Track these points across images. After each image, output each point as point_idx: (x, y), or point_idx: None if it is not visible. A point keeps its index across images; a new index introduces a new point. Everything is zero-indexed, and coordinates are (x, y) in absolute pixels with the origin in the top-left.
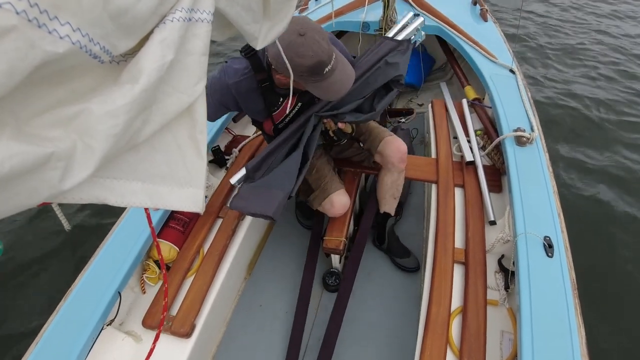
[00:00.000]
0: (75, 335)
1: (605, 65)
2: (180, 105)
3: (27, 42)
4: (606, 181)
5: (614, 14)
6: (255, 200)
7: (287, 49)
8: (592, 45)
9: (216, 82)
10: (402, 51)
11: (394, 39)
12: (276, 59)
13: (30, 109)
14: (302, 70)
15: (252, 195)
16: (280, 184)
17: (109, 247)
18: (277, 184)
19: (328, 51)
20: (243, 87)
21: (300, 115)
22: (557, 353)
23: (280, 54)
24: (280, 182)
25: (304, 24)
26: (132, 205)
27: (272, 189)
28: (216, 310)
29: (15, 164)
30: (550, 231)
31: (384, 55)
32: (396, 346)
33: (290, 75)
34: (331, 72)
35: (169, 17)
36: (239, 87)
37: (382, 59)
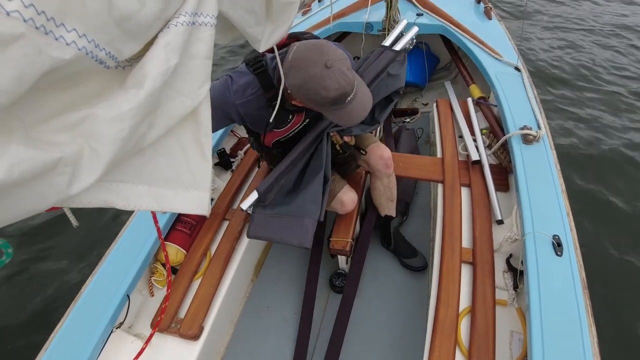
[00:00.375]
0: (85, 338)
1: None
2: (184, 109)
3: (35, 49)
4: (616, 178)
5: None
6: (284, 230)
7: (311, 80)
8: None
9: (220, 97)
10: (400, 62)
11: (393, 49)
12: (297, 90)
13: (37, 115)
14: (324, 102)
15: (276, 224)
16: (307, 211)
17: (117, 250)
18: (303, 211)
19: (352, 82)
20: (251, 107)
21: (307, 133)
22: (568, 353)
23: (302, 86)
24: (307, 209)
25: (330, 53)
26: (139, 209)
27: (301, 218)
28: (224, 313)
29: (23, 170)
30: (559, 230)
31: (385, 67)
32: (404, 347)
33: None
34: (352, 100)
35: (173, 22)
36: (247, 108)
37: (384, 71)
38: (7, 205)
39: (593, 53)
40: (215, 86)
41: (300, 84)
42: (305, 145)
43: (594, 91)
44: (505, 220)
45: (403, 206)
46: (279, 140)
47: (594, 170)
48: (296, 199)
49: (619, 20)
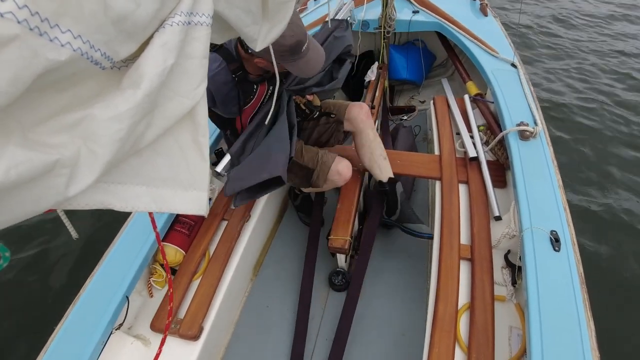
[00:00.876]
0: (85, 340)
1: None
2: (182, 109)
3: (30, 51)
4: (612, 173)
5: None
6: (255, 171)
7: None
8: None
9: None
10: (344, 28)
11: (335, 19)
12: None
13: (34, 117)
14: (283, 50)
15: (248, 170)
16: (277, 148)
17: (115, 251)
18: (274, 149)
19: (304, 30)
20: (219, 80)
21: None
22: (566, 348)
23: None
24: (276, 147)
25: None
26: (137, 210)
27: (271, 154)
28: (223, 312)
29: (21, 172)
30: (557, 225)
31: (332, 32)
32: (404, 344)
33: (273, 58)
34: (307, 50)
35: (169, 22)
36: (216, 81)
37: (331, 35)
38: (5, 207)
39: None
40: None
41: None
42: (269, 106)
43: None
44: (503, 216)
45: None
46: (253, 117)
47: (590, 165)
48: (264, 141)
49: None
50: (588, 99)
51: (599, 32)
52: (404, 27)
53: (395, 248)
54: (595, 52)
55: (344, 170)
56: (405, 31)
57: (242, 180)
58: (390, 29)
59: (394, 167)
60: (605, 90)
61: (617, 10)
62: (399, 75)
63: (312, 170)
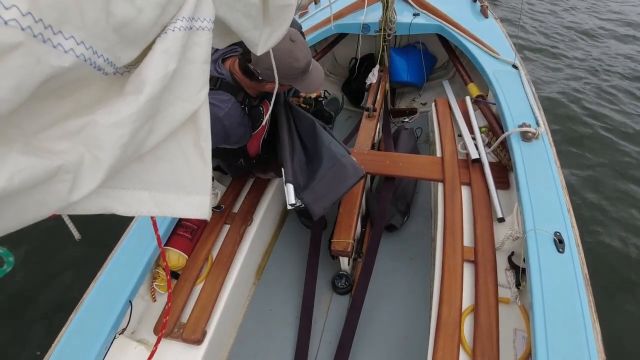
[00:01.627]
0: (88, 345)
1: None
2: (184, 114)
3: (33, 58)
4: (616, 172)
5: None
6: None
7: (284, 56)
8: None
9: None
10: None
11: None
12: (271, 69)
13: (37, 123)
14: (296, 73)
15: (326, 187)
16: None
17: (118, 256)
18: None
19: (309, 50)
20: (235, 115)
21: (277, 115)
22: (572, 350)
23: (276, 63)
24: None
25: (289, 30)
26: (140, 214)
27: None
28: (227, 316)
29: (24, 178)
30: (561, 226)
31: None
32: (408, 347)
33: (276, 81)
34: (312, 68)
35: (170, 27)
36: (231, 116)
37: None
38: (8, 213)
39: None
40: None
41: (274, 63)
42: (281, 122)
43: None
44: (507, 218)
45: (404, 206)
46: (263, 139)
47: (594, 166)
48: (318, 157)
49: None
50: (591, 98)
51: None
52: (404, 30)
53: (399, 251)
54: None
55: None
56: (405, 34)
57: (326, 199)
58: (390, 31)
59: (397, 169)
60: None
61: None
62: (400, 78)
63: None
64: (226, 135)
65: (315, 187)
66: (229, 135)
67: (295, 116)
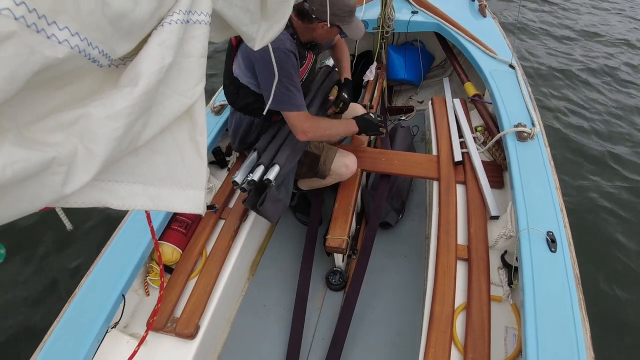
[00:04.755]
0: (81, 338)
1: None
2: (179, 108)
3: (27, 48)
4: (609, 173)
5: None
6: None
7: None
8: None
9: (287, 60)
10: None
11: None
12: (326, 4)
13: (31, 114)
14: (345, 12)
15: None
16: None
17: (112, 250)
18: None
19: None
20: (287, 47)
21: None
22: (562, 348)
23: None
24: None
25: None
26: (134, 208)
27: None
28: (220, 311)
29: (17, 170)
30: (553, 226)
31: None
32: (401, 343)
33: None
34: (355, 16)
35: (167, 20)
36: (286, 49)
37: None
38: (1, 205)
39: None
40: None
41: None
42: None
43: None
44: (500, 217)
45: (399, 204)
46: (303, 82)
47: (586, 166)
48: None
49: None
50: (587, 98)
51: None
52: (402, 28)
53: (393, 248)
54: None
55: (350, 163)
56: (404, 31)
57: (282, 200)
58: (389, 29)
59: (393, 167)
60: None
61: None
62: (398, 76)
63: (318, 156)
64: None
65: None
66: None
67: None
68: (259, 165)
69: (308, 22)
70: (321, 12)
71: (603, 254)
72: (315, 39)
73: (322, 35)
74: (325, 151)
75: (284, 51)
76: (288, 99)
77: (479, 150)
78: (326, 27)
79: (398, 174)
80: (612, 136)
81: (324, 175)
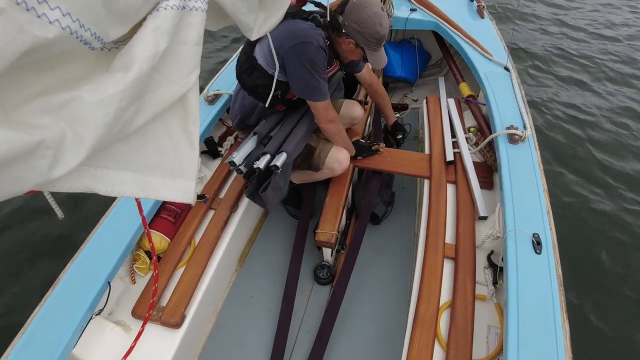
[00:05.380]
0: (64, 324)
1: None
2: (173, 95)
3: (15, 26)
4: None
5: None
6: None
7: (374, 16)
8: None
9: (320, 55)
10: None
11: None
12: (356, 25)
13: (18, 96)
14: (374, 38)
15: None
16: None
17: (99, 236)
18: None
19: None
20: (326, 47)
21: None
22: (541, 347)
23: (366, 21)
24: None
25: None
26: (123, 195)
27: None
28: (207, 302)
29: (2, 152)
30: (539, 228)
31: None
32: (385, 339)
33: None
34: (383, 45)
35: (163, 5)
36: (325, 47)
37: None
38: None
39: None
40: (314, 49)
41: (364, 18)
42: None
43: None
44: (489, 217)
45: (388, 196)
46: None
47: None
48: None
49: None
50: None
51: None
52: (400, 25)
53: (382, 245)
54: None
55: (343, 159)
56: (401, 29)
57: (282, 188)
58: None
59: (385, 164)
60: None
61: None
62: (394, 73)
63: (314, 148)
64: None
65: (277, 178)
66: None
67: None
68: (265, 154)
69: (337, 35)
70: (351, 29)
71: (587, 257)
72: (339, 52)
73: (346, 52)
74: (321, 144)
75: (317, 47)
76: (317, 90)
77: (470, 150)
78: (352, 45)
79: (390, 171)
80: (604, 141)
81: (317, 168)
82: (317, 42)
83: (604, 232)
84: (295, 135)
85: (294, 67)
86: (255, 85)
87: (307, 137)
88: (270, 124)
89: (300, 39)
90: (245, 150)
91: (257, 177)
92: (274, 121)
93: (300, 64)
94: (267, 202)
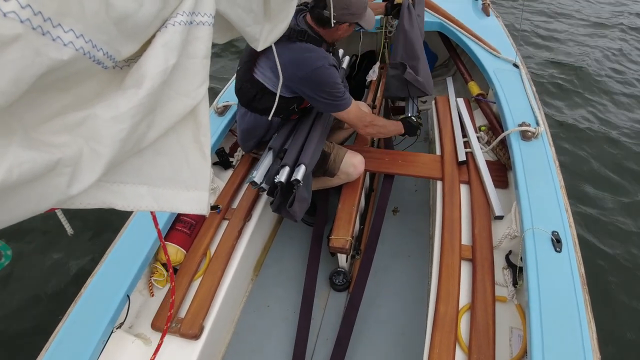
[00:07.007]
0: (86, 339)
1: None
2: (184, 109)
3: (33, 50)
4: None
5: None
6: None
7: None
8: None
9: (333, 73)
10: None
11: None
12: (348, 8)
13: (37, 116)
14: (362, 8)
15: (306, 188)
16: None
17: (116, 251)
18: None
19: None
20: (333, 59)
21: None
22: (567, 349)
23: (352, 3)
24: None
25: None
26: (139, 209)
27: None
28: (224, 312)
29: (23, 171)
30: (558, 226)
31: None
32: (405, 344)
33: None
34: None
35: (171, 21)
36: (334, 62)
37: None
38: (7, 206)
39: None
40: (326, 71)
41: (350, 1)
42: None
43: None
44: (505, 217)
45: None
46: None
47: (592, 166)
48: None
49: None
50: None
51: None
52: None
53: (397, 248)
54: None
55: (358, 164)
56: None
57: (307, 198)
58: (392, 28)
59: (396, 167)
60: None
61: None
62: None
63: (328, 154)
64: (329, 79)
65: (301, 189)
66: (331, 78)
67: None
68: (284, 167)
69: (329, 27)
70: (342, 15)
71: (610, 253)
72: (336, 39)
73: (344, 34)
74: (335, 149)
75: (328, 66)
76: (341, 100)
77: (483, 149)
78: (346, 26)
79: (401, 174)
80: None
81: (333, 174)
82: (327, 62)
83: (627, 226)
84: (309, 144)
85: (314, 93)
86: (269, 107)
87: (321, 144)
88: (283, 137)
89: (311, 67)
90: (263, 167)
91: (280, 191)
92: (285, 133)
93: (319, 90)
94: (294, 214)
